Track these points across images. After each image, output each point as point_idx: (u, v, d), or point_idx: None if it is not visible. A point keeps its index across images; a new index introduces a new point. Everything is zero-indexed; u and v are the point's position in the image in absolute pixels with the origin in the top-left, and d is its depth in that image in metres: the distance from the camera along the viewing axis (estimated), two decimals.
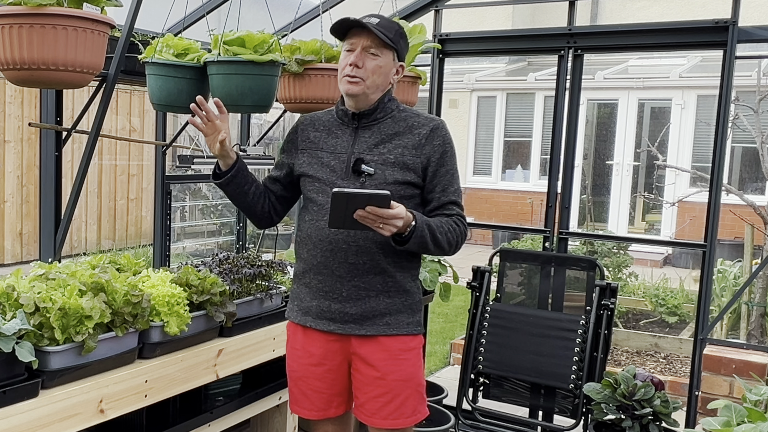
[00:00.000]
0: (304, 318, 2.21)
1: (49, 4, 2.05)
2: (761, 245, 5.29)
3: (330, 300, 2.14)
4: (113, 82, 2.60)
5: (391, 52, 2.11)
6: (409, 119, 2.17)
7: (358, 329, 2.13)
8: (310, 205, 2.18)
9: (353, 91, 2.10)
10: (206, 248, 7.70)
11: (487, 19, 10.65)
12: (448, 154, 2.15)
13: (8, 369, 1.79)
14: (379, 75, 2.10)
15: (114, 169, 9.06)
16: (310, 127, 2.25)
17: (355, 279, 2.11)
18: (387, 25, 2.10)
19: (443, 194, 2.14)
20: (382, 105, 2.15)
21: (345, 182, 2.11)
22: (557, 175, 3.58)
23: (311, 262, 2.16)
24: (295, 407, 2.28)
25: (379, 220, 1.91)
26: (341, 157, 2.15)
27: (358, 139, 2.15)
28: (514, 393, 3.22)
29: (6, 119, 7.83)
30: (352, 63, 2.08)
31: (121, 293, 2.05)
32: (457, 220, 2.14)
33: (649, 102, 10.61)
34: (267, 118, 7.16)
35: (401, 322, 2.16)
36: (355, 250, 2.09)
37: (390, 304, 2.14)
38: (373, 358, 2.14)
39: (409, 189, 2.11)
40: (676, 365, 5.17)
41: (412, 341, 2.19)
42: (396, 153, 2.11)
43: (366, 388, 2.16)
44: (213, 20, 3.06)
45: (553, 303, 3.35)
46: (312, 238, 2.15)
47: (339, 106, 2.21)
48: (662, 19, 4.45)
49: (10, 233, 7.97)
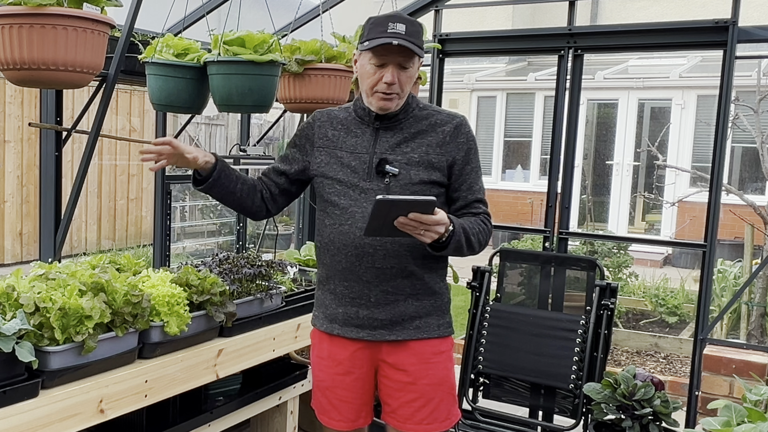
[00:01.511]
0: (331, 326, 2.14)
1: (49, 4, 2.05)
2: (761, 245, 5.29)
3: (357, 306, 2.07)
4: (113, 82, 2.60)
5: (418, 57, 2.04)
6: (431, 117, 2.10)
7: (388, 335, 2.07)
8: (331, 208, 2.09)
9: (389, 107, 2.03)
10: (206, 248, 7.70)
11: (487, 19, 10.65)
12: (472, 151, 2.10)
13: (8, 369, 1.79)
14: (411, 83, 2.05)
15: (114, 169, 9.05)
16: (327, 124, 2.16)
17: (383, 284, 2.04)
18: (414, 30, 1.99)
19: (469, 192, 2.09)
20: (404, 105, 2.08)
21: (368, 183, 2.04)
22: (557, 175, 3.58)
23: (335, 267, 2.09)
24: (324, 418, 2.22)
25: (421, 227, 1.84)
26: (362, 157, 2.07)
27: (380, 138, 2.08)
28: (514, 393, 3.22)
29: (6, 119, 7.83)
30: (388, 82, 1.98)
31: (121, 293, 2.05)
32: (484, 218, 2.09)
33: (649, 102, 10.61)
34: (267, 118, 7.16)
35: (431, 325, 2.10)
36: (382, 254, 2.02)
37: (419, 306, 2.08)
38: (404, 363, 2.08)
39: (434, 188, 2.05)
40: (676, 365, 5.17)
41: (442, 344, 2.13)
42: (420, 152, 2.05)
43: (397, 393, 2.10)
44: (213, 20, 3.06)
45: (553, 303, 3.35)
46: (335, 242, 2.07)
47: (359, 104, 2.13)
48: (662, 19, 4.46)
49: (10, 233, 7.97)
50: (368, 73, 2.02)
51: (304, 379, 3.08)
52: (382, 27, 1.96)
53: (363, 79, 2.05)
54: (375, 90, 2.02)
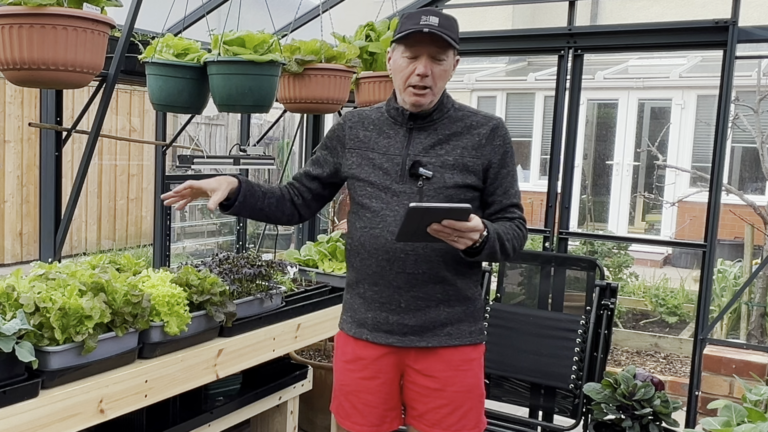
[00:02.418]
0: (360, 330, 2.08)
1: (49, 4, 2.05)
2: (761, 245, 5.29)
3: (387, 311, 2.02)
4: (113, 82, 2.60)
5: (453, 51, 1.97)
6: (467, 118, 2.04)
7: (418, 341, 2.01)
8: (362, 211, 2.05)
9: (422, 102, 1.96)
10: (206, 248, 7.71)
11: (487, 19, 10.64)
12: (508, 154, 2.04)
13: (8, 369, 1.79)
14: (444, 78, 1.98)
15: (114, 169, 9.04)
16: (358, 125, 2.11)
17: (413, 289, 1.99)
18: (448, 24, 1.93)
19: (505, 197, 2.03)
20: (439, 105, 2.02)
21: (401, 186, 1.99)
22: (557, 175, 3.58)
23: (365, 271, 2.04)
24: (346, 422, 2.14)
25: (455, 233, 1.78)
26: (395, 159, 2.01)
27: (413, 140, 2.02)
28: (514, 393, 3.22)
29: (6, 119, 7.83)
30: (420, 74, 1.92)
31: (121, 293, 2.05)
32: (519, 224, 2.03)
33: (649, 102, 10.61)
34: (267, 118, 7.16)
35: (463, 332, 2.04)
36: (413, 260, 1.97)
37: (451, 313, 2.02)
38: (432, 370, 2.03)
39: (469, 192, 1.99)
40: (676, 365, 5.17)
41: (473, 351, 2.07)
42: (455, 154, 1.99)
43: (424, 399, 2.05)
44: (213, 20, 3.06)
45: (553, 303, 3.35)
46: (366, 246, 2.02)
47: (392, 104, 2.07)
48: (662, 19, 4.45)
49: (10, 233, 7.96)
50: (401, 66, 1.97)
51: (304, 379, 3.08)
52: (414, 20, 1.92)
53: (396, 74, 2.01)
54: (408, 84, 1.96)
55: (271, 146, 9.17)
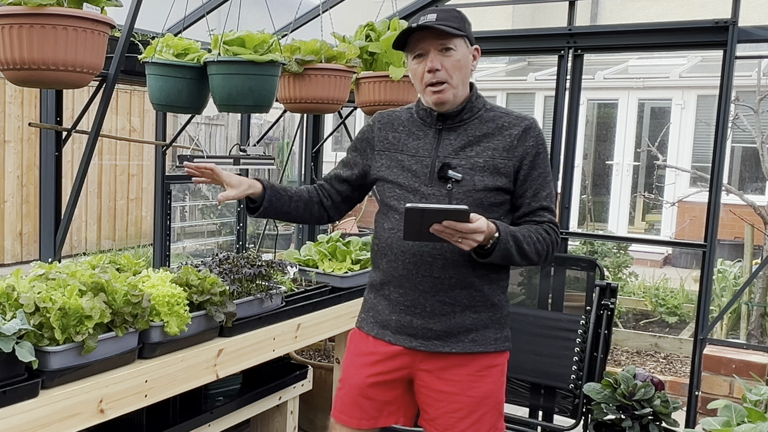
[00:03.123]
0: (383, 332, 2.05)
1: (49, 4, 2.05)
2: (761, 245, 5.29)
3: (412, 315, 1.99)
4: (113, 82, 2.60)
5: (462, 40, 1.93)
6: (498, 119, 1.99)
7: (442, 346, 1.98)
8: (391, 212, 2.02)
9: (442, 98, 1.94)
10: (206, 248, 7.71)
11: (487, 19, 10.62)
12: (541, 156, 1.98)
13: (8, 369, 1.79)
14: (461, 69, 1.93)
15: (114, 169, 9.05)
16: (388, 126, 2.09)
17: (440, 294, 1.96)
18: (447, 16, 1.91)
19: (534, 199, 1.97)
20: (469, 105, 1.98)
21: (429, 188, 1.96)
22: (557, 175, 3.59)
23: (391, 273, 2.00)
24: (341, 416, 2.12)
25: (457, 234, 1.77)
26: (424, 161, 1.99)
27: (443, 141, 1.99)
28: (514, 393, 3.22)
29: (6, 119, 7.83)
30: (430, 69, 1.91)
31: (121, 293, 2.05)
32: (548, 228, 1.97)
33: (649, 102, 10.61)
34: (267, 118, 7.17)
35: (488, 338, 2.00)
36: (441, 264, 1.94)
37: (477, 319, 1.98)
38: (448, 374, 1.99)
39: (500, 195, 1.95)
40: (676, 365, 5.17)
41: (498, 358, 2.03)
42: (485, 156, 1.94)
43: (437, 404, 2.01)
44: (213, 20, 3.06)
45: (553, 303, 3.35)
46: (393, 248, 2.00)
47: (420, 105, 2.04)
48: (662, 19, 4.44)
49: (10, 233, 7.97)
50: (414, 70, 1.97)
51: (304, 379, 3.08)
52: (413, 22, 1.94)
53: (414, 81, 2.00)
54: (425, 84, 1.94)
55: (271, 146, 9.18)
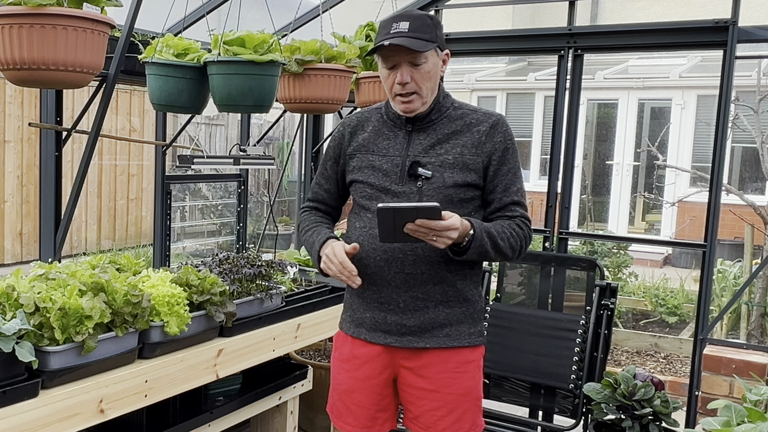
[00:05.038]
0: (358, 330, 2.08)
1: (49, 4, 2.05)
2: (761, 245, 5.30)
3: (386, 311, 2.01)
4: (113, 82, 2.60)
5: (433, 50, 1.94)
6: (466, 116, 2.02)
7: (416, 342, 2.00)
8: (362, 212, 2.05)
9: (411, 108, 1.97)
10: (206, 248, 7.70)
11: (487, 19, 10.64)
12: (509, 151, 2.00)
13: (8, 369, 1.79)
14: (430, 79, 1.96)
15: (114, 169, 9.05)
16: (358, 129, 2.11)
17: (412, 289, 1.97)
18: (419, 25, 1.91)
19: (505, 194, 2.00)
20: (437, 105, 2.01)
21: (401, 187, 1.98)
22: (557, 175, 3.58)
23: (364, 271, 2.00)
24: (338, 422, 2.14)
25: (431, 233, 1.79)
26: (395, 160, 2.01)
27: (413, 141, 2.01)
28: (514, 393, 3.22)
29: (6, 119, 7.83)
30: (400, 82, 1.93)
31: (121, 293, 2.05)
32: (520, 222, 2.00)
33: (649, 102, 10.61)
34: (267, 118, 7.17)
35: (462, 333, 2.02)
36: (412, 260, 1.95)
37: (450, 314, 2.00)
38: (428, 371, 2.01)
39: (470, 191, 1.98)
40: (676, 365, 5.17)
41: (472, 353, 2.05)
42: (455, 153, 1.97)
43: (419, 402, 2.03)
44: (213, 20, 3.06)
45: (553, 303, 3.35)
46: (364, 246, 2.00)
47: (390, 108, 2.06)
48: (662, 19, 4.45)
49: (10, 233, 7.97)
50: (384, 76, 1.99)
51: (304, 379, 3.08)
52: (386, 29, 1.93)
53: (384, 84, 2.01)
54: (393, 93, 1.97)
55: (271, 146, 9.18)
